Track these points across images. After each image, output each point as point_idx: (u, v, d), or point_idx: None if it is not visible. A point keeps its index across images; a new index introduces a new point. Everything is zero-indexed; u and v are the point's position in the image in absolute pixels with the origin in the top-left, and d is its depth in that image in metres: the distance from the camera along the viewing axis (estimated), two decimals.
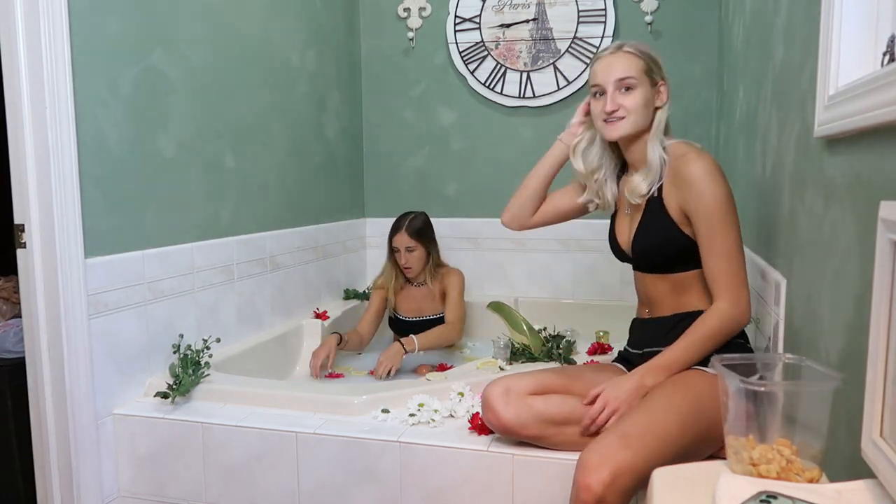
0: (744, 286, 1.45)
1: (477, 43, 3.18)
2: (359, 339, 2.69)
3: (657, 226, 1.54)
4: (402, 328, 2.78)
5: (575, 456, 1.33)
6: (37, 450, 1.79)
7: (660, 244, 1.54)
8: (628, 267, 1.72)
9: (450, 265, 2.85)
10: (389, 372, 2.39)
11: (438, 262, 2.78)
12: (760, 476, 0.84)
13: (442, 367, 2.49)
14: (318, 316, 2.81)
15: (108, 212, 1.86)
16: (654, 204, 1.55)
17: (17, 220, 1.72)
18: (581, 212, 1.79)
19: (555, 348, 2.23)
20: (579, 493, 1.25)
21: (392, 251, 2.73)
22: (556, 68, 3.09)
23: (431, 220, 2.82)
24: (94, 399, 1.81)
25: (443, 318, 2.72)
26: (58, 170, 1.69)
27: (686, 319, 1.53)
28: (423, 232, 2.70)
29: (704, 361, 1.48)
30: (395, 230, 2.69)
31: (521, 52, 3.13)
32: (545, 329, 2.41)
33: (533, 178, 1.77)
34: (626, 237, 1.64)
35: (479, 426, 1.65)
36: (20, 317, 1.93)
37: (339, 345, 2.51)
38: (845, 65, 1.01)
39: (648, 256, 1.59)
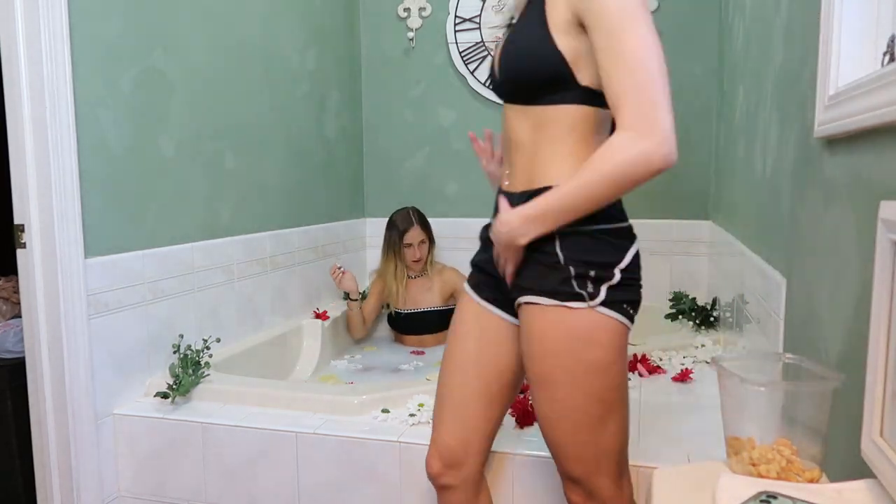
0: (661, 110, 0.99)
1: (477, 43, 3.18)
2: (362, 318, 2.87)
3: (527, 34, 1.12)
4: (402, 322, 2.93)
5: None
6: (37, 450, 1.79)
7: (522, 58, 1.12)
8: None
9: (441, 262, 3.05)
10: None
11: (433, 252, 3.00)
12: (760, 476, 0.84)
13: None
14: (318, 316, 2.81)
15: (108, 212, 1.86)
16: (533, 8, 1.14)
17: (17, 221, 1.71)
18: None
19: None
20: None
21: (397, 249, 2.86)
22: None
23: (431, 220, 2.94)
24: (94, 399, 1.81)
25: (436, 311, 2.82)
26: (58, 170, 1.69)
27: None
28: (427, 223, 2.93)
29: (560, 293, 1.11)
30: (405, 225, 2.85)
31: None
32: None
33: None
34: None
35: None
36: (20, 317, 1.93)
37: (355, 298, 2.80)
38: (845, 65, 1.01)
39: (508, 74, 1.16)
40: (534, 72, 1.11)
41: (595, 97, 1.10)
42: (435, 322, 2.87)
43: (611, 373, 1.13)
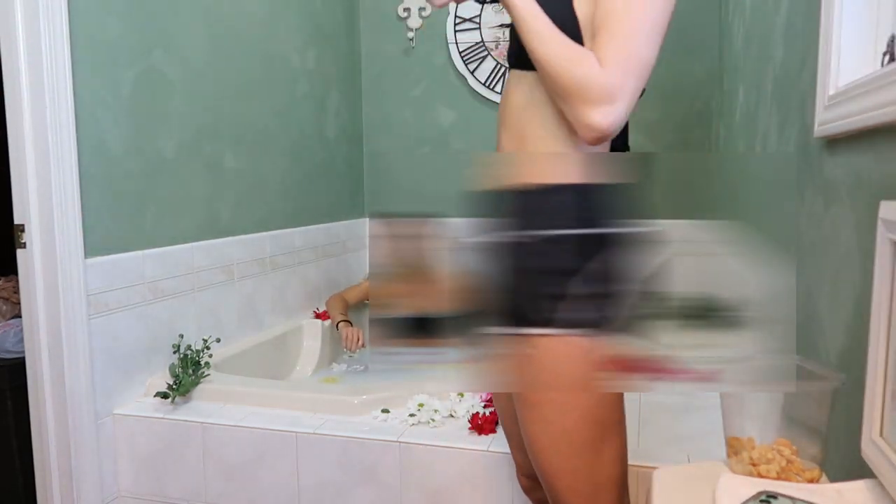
0: (630, 89, 0.96)
1: (477, 43, 3.18)
2: (343, 304, 2.87)
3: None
4: None
5: None
6: (37, 450, 1.79)
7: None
8: None
9: None
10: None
11: None
12: (760, 476, 0.84)
13: None
14: (318, 316, 2.81)
15: (108, 212, 1.87)
16: None
17: (17, 220, 1.72)
18: None
19: None
20: None
21: None
22: None
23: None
24: (94, 399, 1.81)
25: None
26: (58, 170, 1.69)
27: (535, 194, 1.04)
28: None
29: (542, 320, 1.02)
30: None
31: None
32: None
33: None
34: None
35: (479, 426, 1.65)
36: (20, 317, 1.93)
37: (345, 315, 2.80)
38: (845, 65, 1.01)
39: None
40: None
41: None
42: None
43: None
